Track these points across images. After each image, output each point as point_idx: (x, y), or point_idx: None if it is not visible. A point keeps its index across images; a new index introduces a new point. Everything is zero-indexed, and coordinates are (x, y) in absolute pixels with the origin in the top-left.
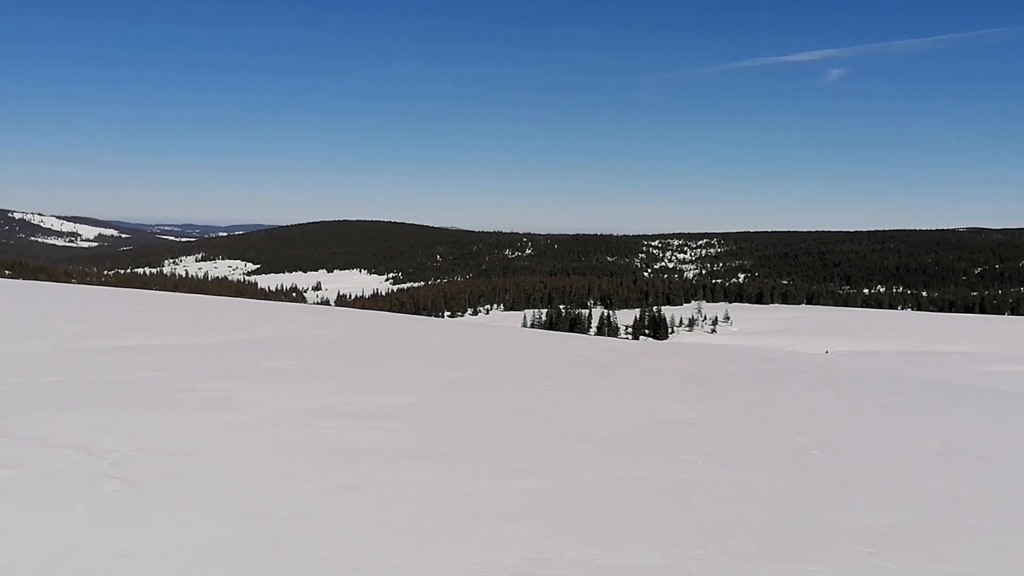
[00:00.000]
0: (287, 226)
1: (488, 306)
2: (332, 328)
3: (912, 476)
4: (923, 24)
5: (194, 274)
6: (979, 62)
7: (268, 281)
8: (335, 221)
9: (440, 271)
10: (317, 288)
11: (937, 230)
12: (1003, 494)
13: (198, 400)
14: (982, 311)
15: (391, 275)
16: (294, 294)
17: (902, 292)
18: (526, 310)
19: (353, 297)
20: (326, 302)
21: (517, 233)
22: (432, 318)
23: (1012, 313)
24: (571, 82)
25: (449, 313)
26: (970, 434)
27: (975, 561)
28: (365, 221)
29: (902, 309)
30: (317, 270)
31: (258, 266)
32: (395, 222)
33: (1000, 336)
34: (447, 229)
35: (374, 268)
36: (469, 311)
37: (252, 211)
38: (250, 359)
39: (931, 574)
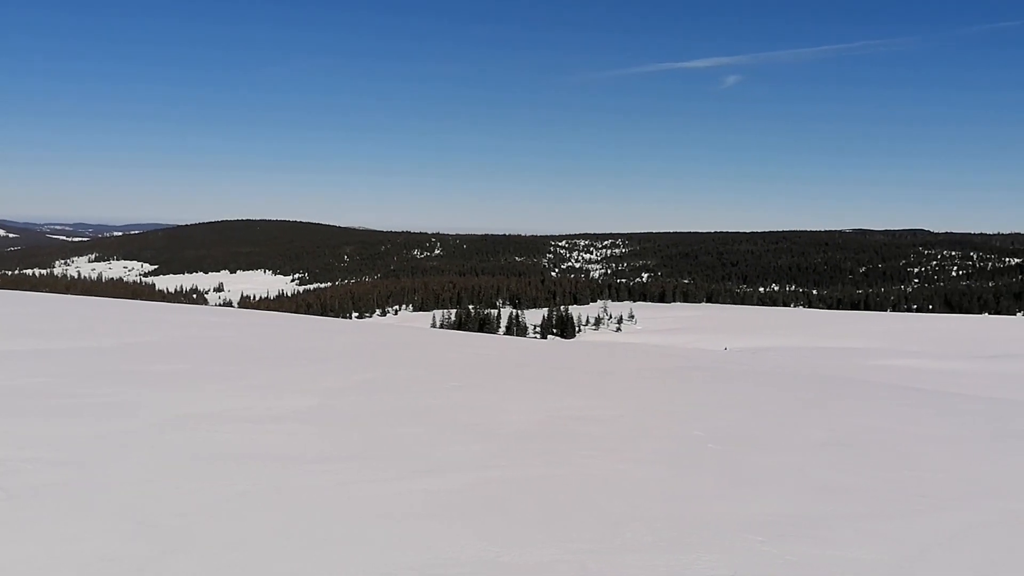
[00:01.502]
0: (187, 225)
1: (397, 307)
2: (233, 330)
3: (799, 466)
4: (809, 35)
5: (87, 275)
6: (860, 70)
7: (167, 282)
8: (238, 220)
9: (347, 272)
10: (219, 289)
11: (825, 231)
12: (882, 481)
13: (89, 406)
14: (866, 308)
15: (297, 276)
16: (194, 296)
17: (794, 290)
18: (435, 310)
19: (257, 299)
20: (229, 304)
21: (426, 233)
22: (339, 319)
23: (893, 309)
24: (479, 81)
25: (357, 314)
26: (854, 425)
27: (855, 546)
28: (270, 220)
29: (794, 307)
30: (219, 271)
31: (156, 267)
32: (301, 222)
33: (883, 332)
34: (355, 229)
35: (279, 269)
36: (377, 312)
37: (150, 209)
38: (145, 363)
39: (814, 559)
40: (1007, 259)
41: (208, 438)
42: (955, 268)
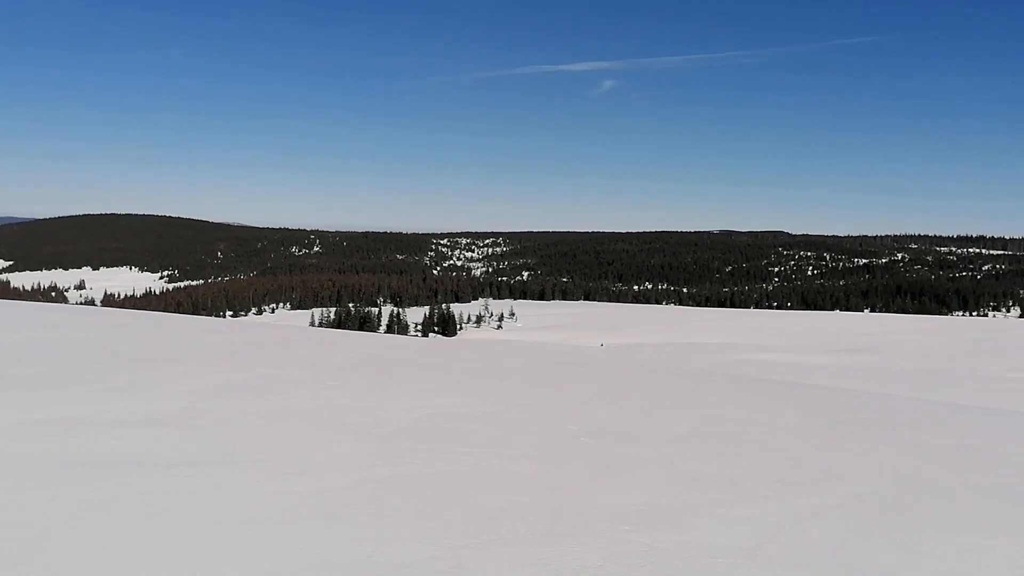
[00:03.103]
0: (46, 219)
1: (274, 305)
2: (95, 330)
3: (667, 457)
4: (680, 43)
5: None
6: (725, 78)
7: (22, 279)
8: (102, 215)
9: (221, 269)
10: (80, 287)
11: (695, 232)
12: (743, 469)
13: None
14: (732, 305)
15: (166, 273)
16: (53, 293)
17: (666, 288)
18: (314, 309)
19: (123, 297)
20: (91, 302)
21: (305, 230)
22: (211, 318)
23: (756, 307)
24: (359, 76)
25: (231, 313)
26: (718, 416)
27: (714, 531)
28: (136, 215)
29: (666, 304)
30: (81, 267)
31: (11, 263)
32: (171, 216)
33: (746, 328)
34: (229, 225)
35: (147, 266)
36: (253, 310)
37: (3, 202)
38: None
39: (679, 546)
40: (856, 259)
41: (66, 445)
42: (811, 268)
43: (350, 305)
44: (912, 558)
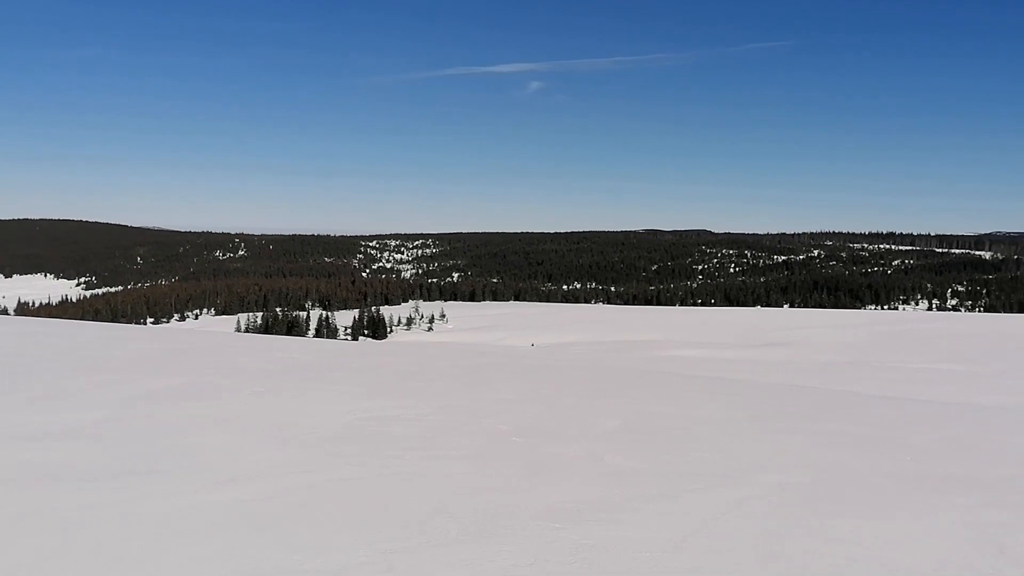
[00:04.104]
0: None
1: (197, 311)
2: (7, 339)
3: (596, 454)
4: (606, 46)
5: None
6: (651, 81)
7: None
8: (13, 220)
9: (141, 274)
10: None
11: (621, 231)
12: (667, 463)
13: None
14: (658, 303)
15: (83, 280)
16: None
17: (595, 287)
18: (240, 314)
19: (37, 304)
20: (3, 311)
21: (228, 233)
22: (131, 325)
23: (681, 304)
24: (283, 76)
25: (153, 320)
26: (646, 412)
27: (642, 525)
28: (51, 220)
29: (595, 303)
30: None
31: None
32: (87, 221)
33: (672, 325)
34: (149, 229)
35: (63, 272)
36: (176, 317)
37: None
38: None
39: (609, 541)
40: (775, 257)
41: None
42: (733, 265)
43: (277, 309)
44: (829, 544)
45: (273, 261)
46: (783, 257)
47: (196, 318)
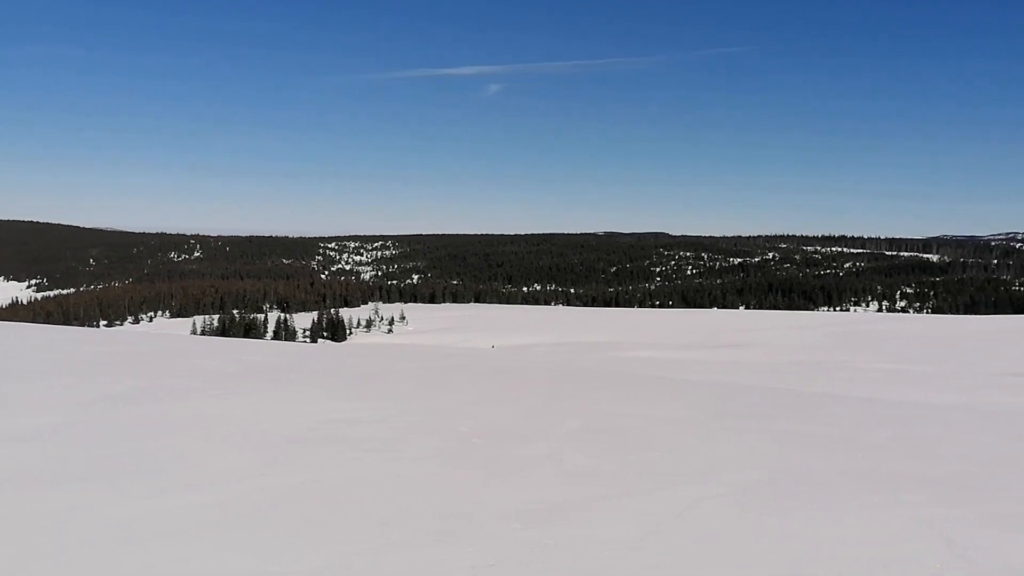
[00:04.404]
0: None
1: (152, 313)
2: None
3: (557, 454)
4: (564, 50)
5: None
6: (609, 84)
7: None
8: None
9: (94, 276)
10: None
11: (581, 234)
12: (626, 463)
13: None
14: (617, 304)
15: (34, 282)
16: None
17: (555, 289)
18: (195, 316)
19: None
20: None
21: (184, 235)
22: (85, 328)
23: (640, 306)
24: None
25: (106, 322)
26: (606, 413)
27: (602, 525)
28: (0, 220)
29: (555, 305)
30: None
31: None
32: (38, 222)
33: (632, 326)
34: (102, 230)
35: (12, 274)
36: (130, 319)
37: None
38: None
39: (570, 540)
40: (731, 259)
41: None
42: (690, 267)
43: (234, 312)
44: (785, 541)
45: (230, 263)
46: (739, 259)
47: (151, 320)
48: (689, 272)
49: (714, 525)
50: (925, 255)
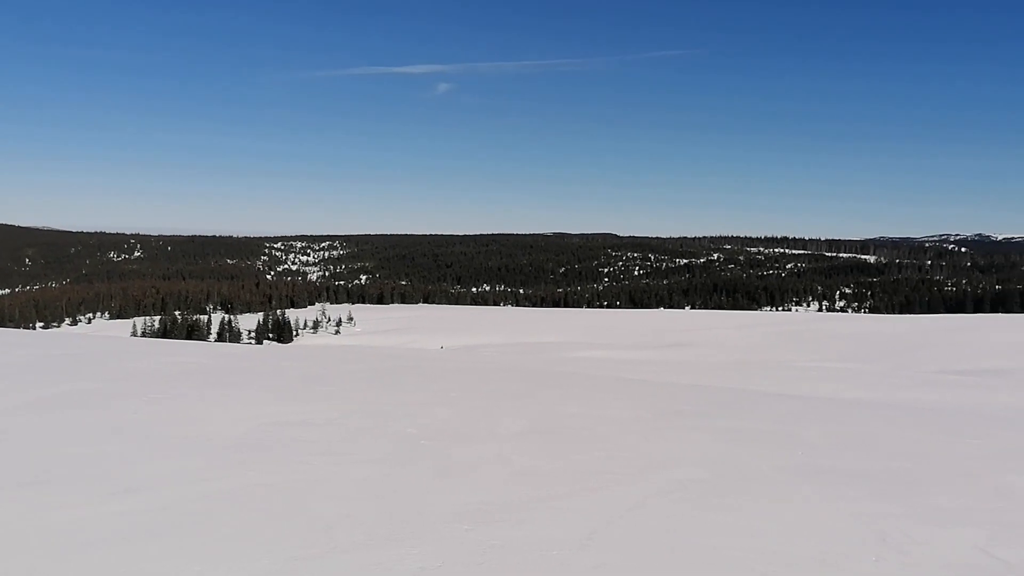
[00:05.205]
0: None
1: (91, 314)
2: None
3: (503, 455)
4: (512, 50)
5: None
6: (558, 85)
7: None
8: None
9: (30, 277)
10: None
11: (530, 234)
12: (574, 463)
13: None
14: (566, 305)
15: None
16: None
17: (504, 290)
18: (136, 318)
19: None
20: None
21: (124, 234)
22: (18, 330)
23: (588, 306)
24: (177, 73)
25: (43, 324)
26: (553, 413)
27: (550, 524)
28: None
29: (504, 305)
30: None
31: None
32: None
33: (579, 327)
34: (38, 229)
35: None
36: (67, 321)
37: None
38: None
39: (514, 541)
40: (677, 260)
41: None
42: (637, 268)
43: (176, 313)
44: (726, 536)
45: (172, 263)
46: (685, 260)
47: (89, 322)
48: (636, 273)
49: (659, 522)
50: (863, 256)
